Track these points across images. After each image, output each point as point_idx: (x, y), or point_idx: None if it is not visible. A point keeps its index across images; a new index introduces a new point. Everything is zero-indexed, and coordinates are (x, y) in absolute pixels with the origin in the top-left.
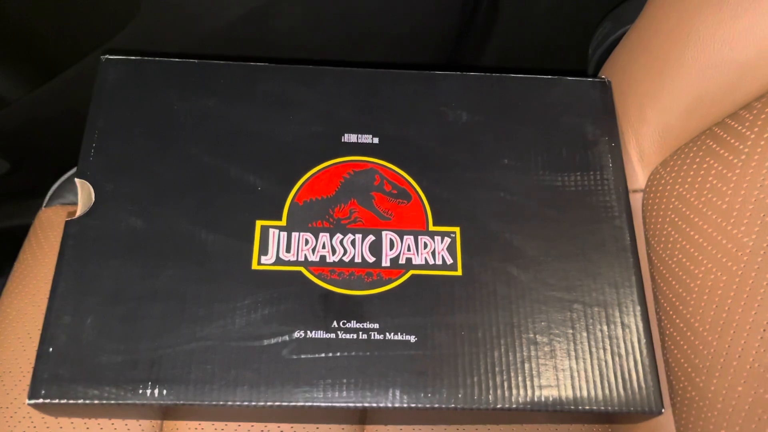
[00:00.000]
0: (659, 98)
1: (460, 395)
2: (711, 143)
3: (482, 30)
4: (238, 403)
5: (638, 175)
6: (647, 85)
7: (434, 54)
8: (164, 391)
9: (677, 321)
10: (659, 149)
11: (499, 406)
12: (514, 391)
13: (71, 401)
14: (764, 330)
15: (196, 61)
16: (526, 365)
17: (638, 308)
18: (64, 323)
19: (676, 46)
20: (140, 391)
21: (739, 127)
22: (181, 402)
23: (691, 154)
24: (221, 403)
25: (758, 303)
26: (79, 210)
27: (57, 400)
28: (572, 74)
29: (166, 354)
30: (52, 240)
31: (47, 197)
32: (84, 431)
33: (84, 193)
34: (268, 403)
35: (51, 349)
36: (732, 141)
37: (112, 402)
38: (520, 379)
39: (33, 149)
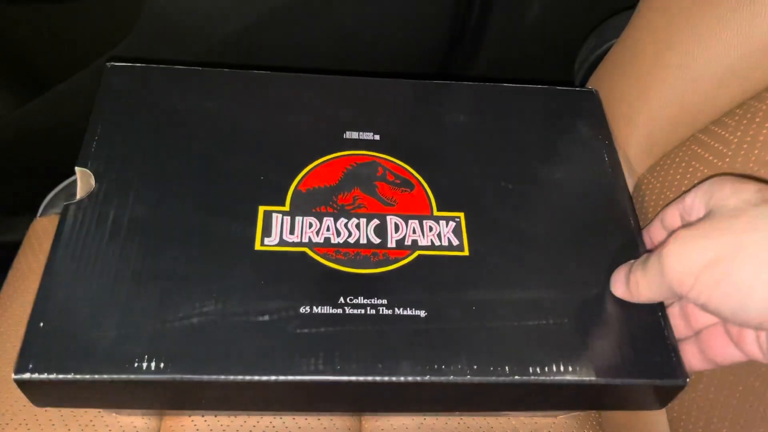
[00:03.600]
0: (645, 108)
1: (475, 367)
2: (696, 148)
3: (471, 45)
4: (240, 377)
5: (627, 183)
6: (633, 96)
7: (425, 66)
8: (162, 365)
9: None
10: (646, 157)
11: (516, 378)
12: (531, 366)
13: (60, 376)
14: None
15: (199, 68)
16: (544, 339)
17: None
18: (58, 300)
19: (660, 59)
20: (136, 365)
21: (723, 132)
22: (180, 376)
23: (677, 159)
24: (222, 377)
25: None
26: (79, 194)
27: (45, 375)
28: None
29: (165, 329)
30: (46, 248)
31: (42, 206)
32: None
33: (84, 181)
34: (272, 378)
35: (42, 324)
36: (716, 145)
37: (105, 377)
38: (539, 352)
39: (24, 164)
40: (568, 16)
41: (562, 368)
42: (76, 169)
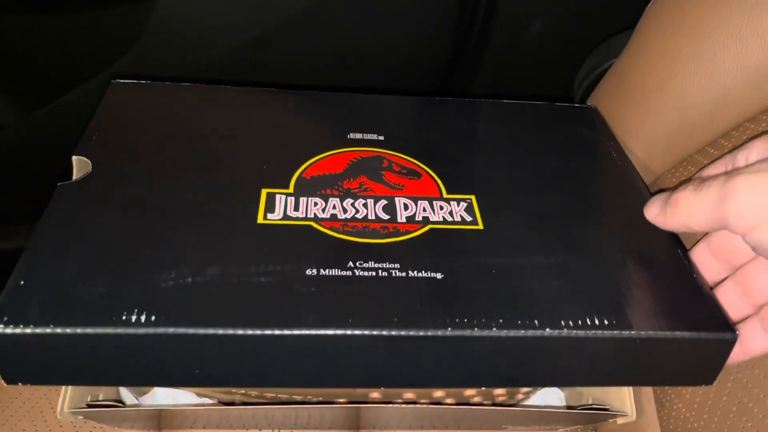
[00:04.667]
0: (643, 128)
1: (501, 321)
2: (692, 169)
3: (472, 62)
4: (240, 331)
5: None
6: (631, 116)
7: (426, 83)
8: (153, 317)
9: None
10: (643, 177)
11: (548, 331)
12: (563, 320)
13: (38, 330)
14: None
15: (202, 85)
16: (575, 296)
17: (678, 251)
18: (42, 260)
19: (659, 79)
20: (124, 317)
21: (718, 154)
22: (173, 330)
23: (674, 180)
24: (221, 331)
25: None
26: (75, 177)
27: (21, 329)
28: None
29: (159, 288)
30: None
31: None
32: None
33: (81, 169)
34: (276, 332)
35: (22, 282)
36: None
37: (90, 331)
38: (571, 308)
39: (28, 173)
40: (569, 35)
41: (597, 322)
42: (74, 158)
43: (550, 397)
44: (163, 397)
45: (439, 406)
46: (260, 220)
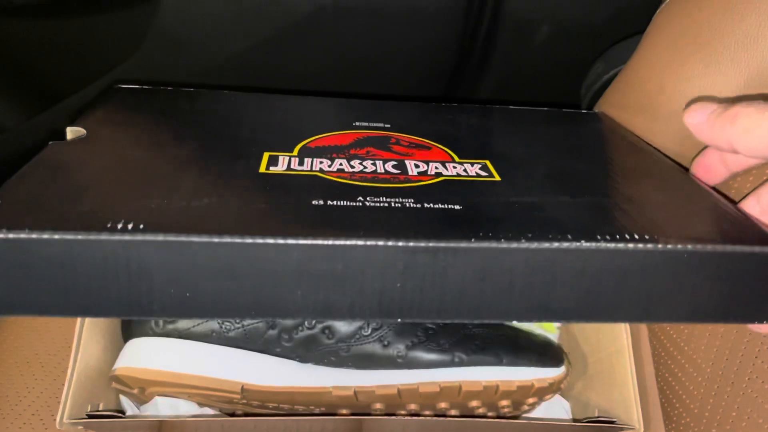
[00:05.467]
0: (651, 137)
1: (530, 235)
2: None
3: (477, 69)
4: (238, 240)
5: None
6: (639, 123)
7: (431, 88)
8: (142, 225)
9: (671, 349)
10: None
11: (584, 244)
12: (599, 235)
13: (12, 236)
14: (756, 357)
15: (205, 90)
16: (612, 219)
17: (717, 194)
18: (25, 185)
19: (668, 86)
20: (109, 225)
21: None
22: (162, 237)
23: None
24: (216, 239)
25: (750, 331)
26: (69, 137)
27: None
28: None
29: (150, 207)
30: None
31: None
32: None
33: (73, 134)
34: (279, 241)
35: (1, 202)
36: None
37: (69, 237)
38: (607, 227)
39: None
40: (576, 40)
41: (637, 237)
42: (68, 129)
43: (556, 409)
44: (164, 407)
45: (443, 419)
46: (262, 170)
